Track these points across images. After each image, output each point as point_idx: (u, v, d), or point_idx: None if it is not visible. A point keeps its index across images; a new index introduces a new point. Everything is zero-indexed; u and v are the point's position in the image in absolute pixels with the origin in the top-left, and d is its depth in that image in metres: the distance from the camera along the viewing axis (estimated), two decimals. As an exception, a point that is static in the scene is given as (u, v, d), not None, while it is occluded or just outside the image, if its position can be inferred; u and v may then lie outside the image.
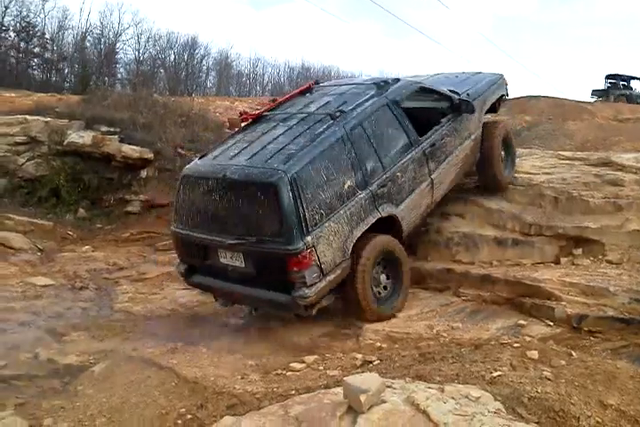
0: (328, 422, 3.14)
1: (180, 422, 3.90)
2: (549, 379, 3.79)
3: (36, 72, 33.07)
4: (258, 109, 6.73)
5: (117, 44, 37.82)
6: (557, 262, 6.55)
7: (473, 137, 7.08)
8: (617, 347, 5.04)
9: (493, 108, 7.81)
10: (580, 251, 6.57)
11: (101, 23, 36.93)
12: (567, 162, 7.87)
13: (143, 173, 11.24)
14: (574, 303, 5.51)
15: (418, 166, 6.17)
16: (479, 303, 6.04)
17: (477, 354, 4.34)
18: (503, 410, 3.36)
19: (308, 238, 5.03)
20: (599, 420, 3.45)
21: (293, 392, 4.05)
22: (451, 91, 6.95)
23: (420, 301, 6.21)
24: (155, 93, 19.83)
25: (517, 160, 7.91)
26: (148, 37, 39.26)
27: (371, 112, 5.88)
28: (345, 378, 3.35)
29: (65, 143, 11.24)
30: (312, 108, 6.16)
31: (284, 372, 4.71)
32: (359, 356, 4.82)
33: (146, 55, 39.57)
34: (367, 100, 5.99)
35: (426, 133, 6.38)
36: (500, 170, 7.29)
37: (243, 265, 5.40)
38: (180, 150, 11.56)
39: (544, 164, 7.93)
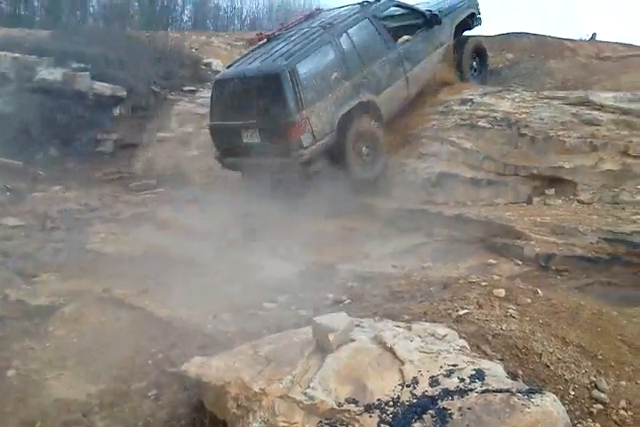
0: (296, 360, 3.17)
1: (150, 362, 3.92)
2: (514, 317, 3.85)
3: (3, 5, 31.34)
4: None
5: (89, -25, 35.72)
6: (530, 202, 6.58)
7: (445, 46, 8.87)
8: (582, 285, 5.11)
9: (468, 26, 9.50)
10: (552, 191, 6.59)
11: (71, -49, 34.76)
12: (546, 101, 7.75)
13: (116, 112, 10.90)
14: (543, 243, 5.57)
15: (394, 66, 7.96)
16: (451, 243, 6.10)
17: (446, 293, 4.37)
18: (468, 347, 3.41)
19: (304, 112, 6.86)
20: (560, 356, 3.53)
21: (265, 332, 4.07)
22: (427, 10, 8.75)
23: (393, 241, 6.25)
24: (128, 28, 19.01)
25: (495, 100, 7.97)
26: (122, -33, 37.10)
27: (353, 23, 7.75)
28: (314, 318, 3.36)
29: (35, 80, 10.77)
30: (312, 25, 7.92)
31: (256, 311, 4.72)
32: (330, 295, 4.84)
33: (119, -13, 37.54)
34: (352, 16, 7.88)
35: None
36: (467, 70, 9.16)
37: (259, 140, 7.17)
38: (154, 88, 11.20)
39: (523, 103, 7.81)
